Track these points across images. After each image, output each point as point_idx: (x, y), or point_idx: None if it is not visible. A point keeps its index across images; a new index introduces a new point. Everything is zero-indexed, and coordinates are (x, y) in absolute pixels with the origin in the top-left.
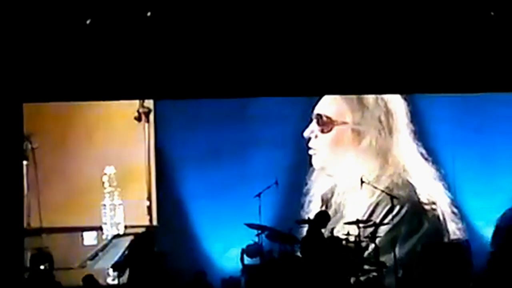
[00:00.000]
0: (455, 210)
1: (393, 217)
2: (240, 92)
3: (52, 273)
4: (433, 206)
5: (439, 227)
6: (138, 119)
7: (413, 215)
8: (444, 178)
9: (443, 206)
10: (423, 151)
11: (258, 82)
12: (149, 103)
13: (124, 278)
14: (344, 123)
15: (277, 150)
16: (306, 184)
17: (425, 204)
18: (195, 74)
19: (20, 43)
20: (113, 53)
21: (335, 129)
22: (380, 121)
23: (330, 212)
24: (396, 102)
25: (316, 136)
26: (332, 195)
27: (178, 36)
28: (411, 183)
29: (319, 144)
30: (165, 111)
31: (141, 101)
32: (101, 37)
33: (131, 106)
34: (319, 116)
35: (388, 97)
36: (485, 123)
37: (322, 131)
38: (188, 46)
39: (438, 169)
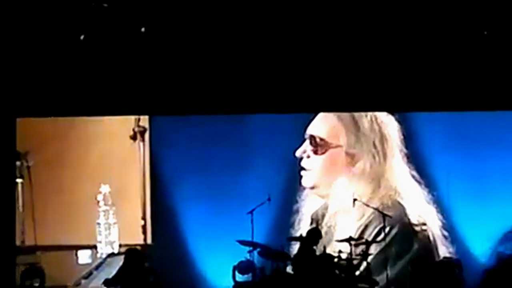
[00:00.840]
0: (446, 233)
1: (384, 237)
2: (235, 109)
3: None
4: (423, 227)
5: (429, 248)
6: (133, 138)
7: (403, 236)
8: (436, 201)
9: (434, 228)
10: (416, 174)
11: (254, 99)
12: (145, 121)
13: None
14: (338, 146)
15: (271, 168)
16: (297, 202)
17: (415, 225)
18: (189, 91)
19: (14, 57)
20: (108, 68)
21: (329, 152)
22: (375, 146)
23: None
24: (390, 126)
25: (308, 156)
26: (323, 217)
27: (173, 52)
28: (401, 204)
29: (311, 164)
30: (160, 130)
31: (137, 120)
32: (96, 53)
33: (127, 125)
34: (312, 137)
35: (383, 120)
36: (479, 142)
37: (315, 152)
38: (183, 62)
39: (430, 192)
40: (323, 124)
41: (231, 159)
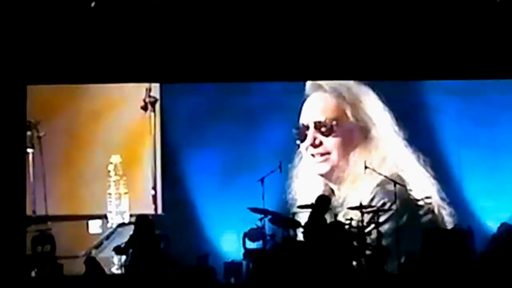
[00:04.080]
0: (452, 205)
1: (388, 209)
2: (245, 76)
3: (54, 255)
4: (427, 200)
5: (433, 220)
6: (144, 108)
7: (404, 211)
8: (443, 173)
9: (439, 200)
10: (419, 153)
11: (264, 66)
12: (156, 92)
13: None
14: (347, 121)
15: (281, 136)
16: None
17: (417, 200)
18: (200, 58)
19: (26, 23)
20: (119, 35)
21: (340, 129)
22: (377, 119)
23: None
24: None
25: (321, 142)
26: (333, 192)
27: (184, 19)
28: (403, 179)
29: (327, 148)
30: (170, 101)
31: (148, 90)
32: (106, 20)
33: (138, 95)
34: (318, 122)
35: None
36: (489, 112)
37: (325, 135)
38: (194, 29)
39: (434, 167)
40: (322, 108)
41: (241, 129)
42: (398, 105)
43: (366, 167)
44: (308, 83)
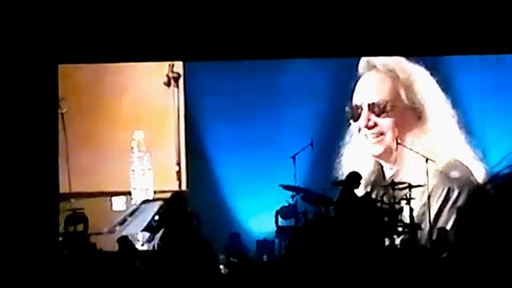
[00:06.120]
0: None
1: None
2: (271, 53)
3: (87, 235)
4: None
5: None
6: (167, 84)
7: (471, 195)
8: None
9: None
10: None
11: (290, 43)
12: (179, 67)
13: (155, 243)
14: (401, 102)
15: (311, 111)
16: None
17: (479, 184)
18: (224, 35)
19: (53, 4)
20: (142, 13)
21: (394, 110)
22: (431, 101)
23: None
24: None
25: (375, 124)
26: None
27: None
28: (465, 164)
29: (382, 128)
30: (194, 76)
31: (171, 66)
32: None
33: (161, 70)
34: (371, 104)
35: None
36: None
37: (379, 116)
38: (218, 5)
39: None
40: (376, 88)
41: (268, 104)
42: (452, 85)
43: (398, 143)
44: (362, 62)
